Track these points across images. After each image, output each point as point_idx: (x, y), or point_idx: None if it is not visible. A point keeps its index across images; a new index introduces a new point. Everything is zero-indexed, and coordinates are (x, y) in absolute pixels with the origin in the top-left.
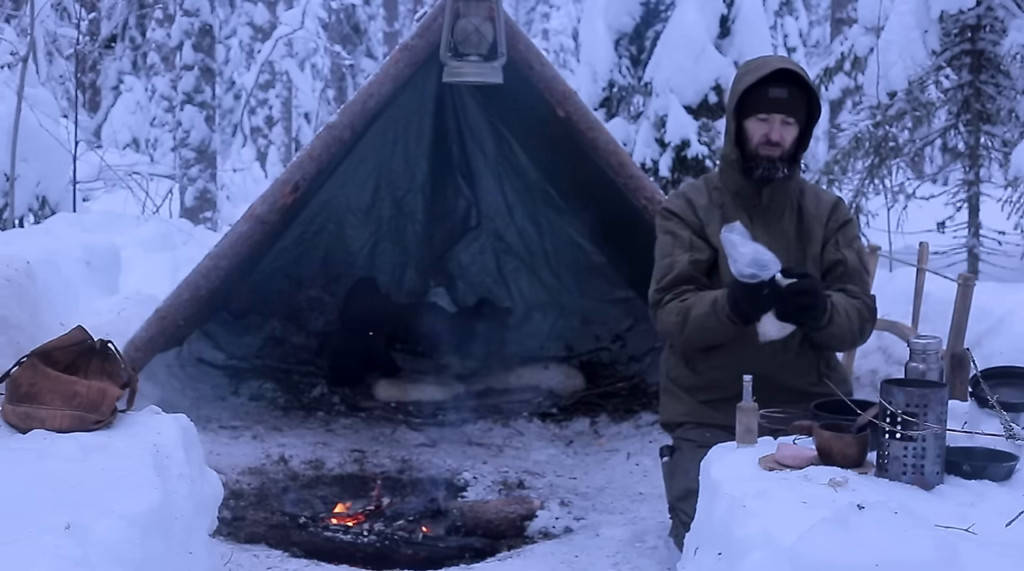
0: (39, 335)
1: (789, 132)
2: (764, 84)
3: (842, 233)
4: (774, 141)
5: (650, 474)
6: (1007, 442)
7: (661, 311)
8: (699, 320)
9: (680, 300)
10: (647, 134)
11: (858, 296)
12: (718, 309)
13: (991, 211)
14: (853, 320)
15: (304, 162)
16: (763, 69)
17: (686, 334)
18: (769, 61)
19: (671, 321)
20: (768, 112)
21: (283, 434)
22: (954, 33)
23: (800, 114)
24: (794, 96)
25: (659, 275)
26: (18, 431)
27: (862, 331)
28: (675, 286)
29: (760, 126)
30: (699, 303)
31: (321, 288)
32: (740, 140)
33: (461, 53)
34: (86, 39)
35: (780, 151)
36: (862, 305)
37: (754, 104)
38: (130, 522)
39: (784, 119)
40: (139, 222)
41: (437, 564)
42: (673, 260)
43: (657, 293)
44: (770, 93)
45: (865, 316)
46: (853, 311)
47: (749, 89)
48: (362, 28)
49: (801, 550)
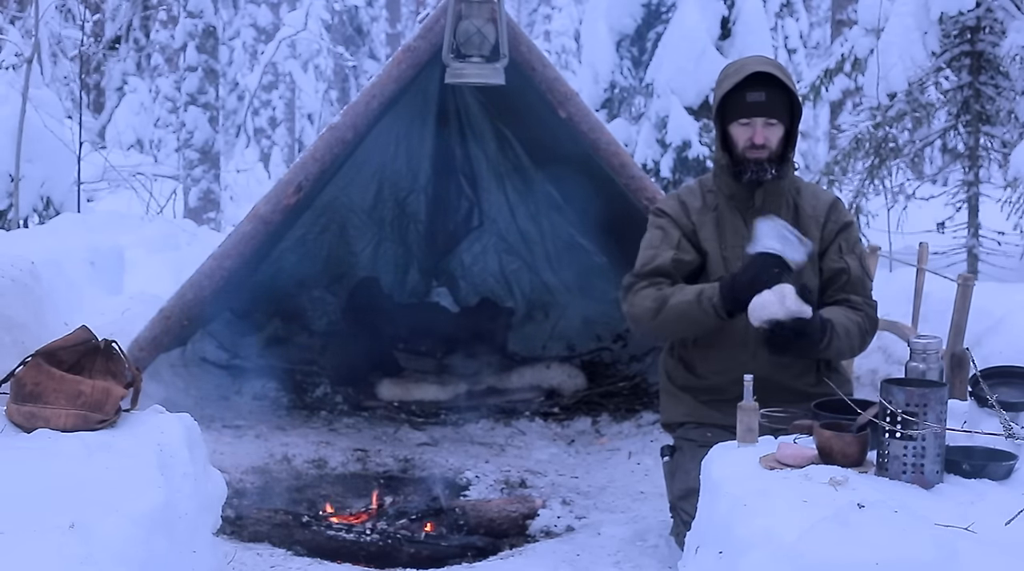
0: (43, 335)
1: (773, 133)
2: (742, 88)
3: (843, 238)
4: (758, 144)
5: (651, 473)
6: (1006, 441)
7: (634, 295)
8: (679, 307)
9: (656, 288)
10: (648, 135)
11: (860, 307)
12: (703, 299)
13: (990, 212)
14: (853, 336)
15: (307, 163)
16: (739, 73)
17: (659, 320)
18: (746, 64)
19: (644, 306)
20: (749, 116)
21: (286, 433)
22: (954, 34)
23: (782, 114)
24: (773, 97)
25: (640, 263)
26: (23, 430)
27: (862, 343)
28: (652, 276)
29: (743, 130)
30: (680, 293)
31: (324, 288)
32: (728, 145)
33: (463, 54)
34: (90, 40)
35: (767, 152)
36: (863, 318)
37: (734, 109)
38: (134, 521)
39: (766, 121)
40: (143, 222)
41: (439, 563)
42: (656, 252)
43: (632, 277)
44: (748, 97)
45: (865, 328)
46: (853, 327)
47: (728, 94)
48: (365, 30)
49: (802, 549)
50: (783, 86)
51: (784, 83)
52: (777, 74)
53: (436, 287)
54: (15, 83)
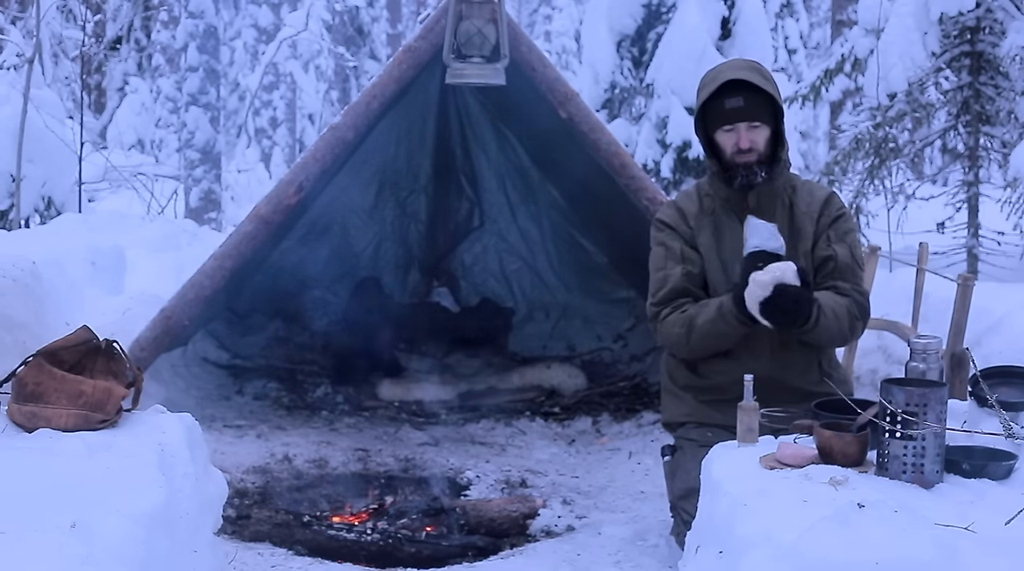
0: (45, 335)
1: (759, 134)
2: (720, 96)
3: (834, 228)
4: (744, 148)
5: (652, 473)
6: (1006, 441)
7: (661, 324)
8: (705, 326)
9: (680, 312)
10: (649, 135)
11: (848, 293)
12: (724, 312)
13: (990, 212)
14: (842, 319)
15: (308, 163)
16: (715, 82)
17: (692, 343)
18: (721, 72)
19: (675, 333)
20: (730, 122)
21: (287, 433)
22: (953, 35)
23: (764, 115)
24: (751, 101)
25: (654, 289)
26: (24, 430)
27: (852, 329)
28: (672, 300)
29: (728, 136)
30: (702, 311)
31: (325, 288)
32: (716, 152)
33: (464, 55)
34: (92, 41)
35: (755, 155)
36: (851, 303)
37: (715, 117)
38: (135, 521)
39: (749, 124)
40: (144, 223)
41: (440, 562)
42: (667, 273)
43: (654, 307)
44: (727, 104)
45: (855, 313)
46: (842, 310)
47: (707, 103)
48: (366, 30)
49: (802, 548)
50: (761, 88)
51: (760, 86)
52: (751, 78)
53: (437, 287)
54: (16, 83)
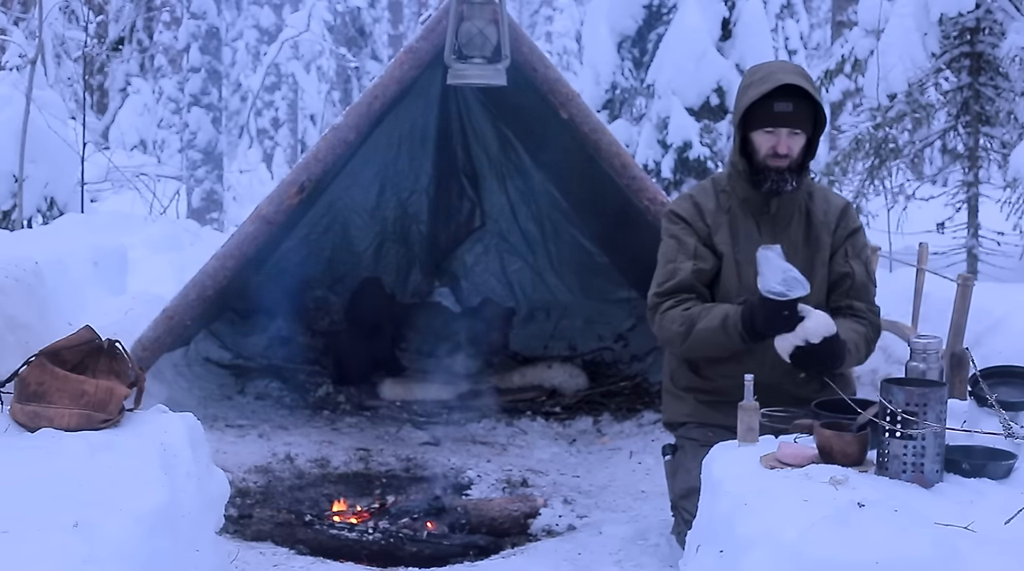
0: (47, 335)
1: (796, 142)
2: (769, 97)
3: (851, 243)
4: (782, 153)
5: (652, 472)
6: (1006, 441)
7: (661, 317)
8: (706, 333)
9: (683, 308)
10: (649, 136)
11: (864, 314)
12: (729, 326)
13: (990, 212)
14: (860, 349)
15: (310, 163)
16: (768, 83)
17: (688, 344)
18: (774, 74)
19: (674, 329)
20: (775, 126)
21: (289, 433)
22: (953, 36)
23: (806, 124)
24: (800, 108)
25: (660, 279)
26: (26, 430)
27: (867, 353)
28: (676, 293)
29: (767, 138)
30: (706, 317)
31: (327, 288)
32: (747, 150)
33: (465, 55)
34: (94, 42)
35: (788, 162)
36: (868, 327)
37: (760, 118)
38: (137, 520)
39: (791, 131)
40: (146, 223)
41: (441, 562)
42: (676, 266)
43: (657, 297)
44: (776, 107)
45: (870, 337)
46: (861, 341)
47: (755, 103)
48: (367, 31)
49: (802, 548)
50: (809, 96)
51: (811, 94)
52: (805, 86)
53: (438, 287)
54: (19, 84)
